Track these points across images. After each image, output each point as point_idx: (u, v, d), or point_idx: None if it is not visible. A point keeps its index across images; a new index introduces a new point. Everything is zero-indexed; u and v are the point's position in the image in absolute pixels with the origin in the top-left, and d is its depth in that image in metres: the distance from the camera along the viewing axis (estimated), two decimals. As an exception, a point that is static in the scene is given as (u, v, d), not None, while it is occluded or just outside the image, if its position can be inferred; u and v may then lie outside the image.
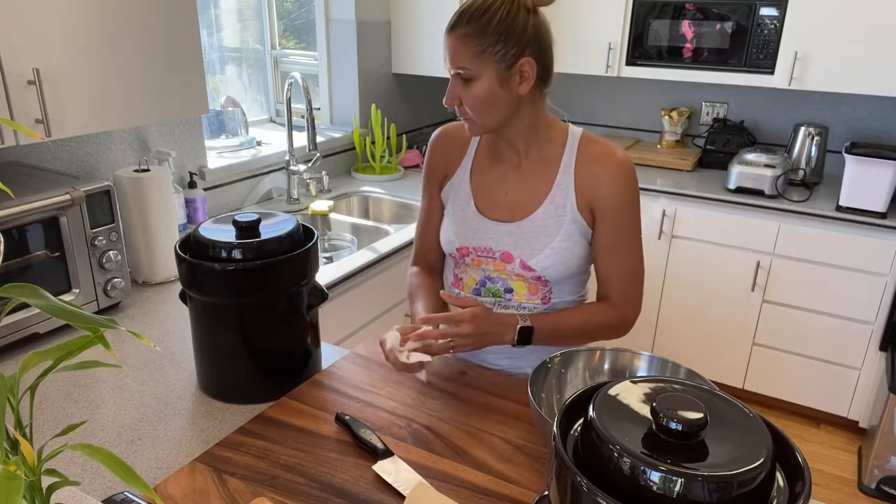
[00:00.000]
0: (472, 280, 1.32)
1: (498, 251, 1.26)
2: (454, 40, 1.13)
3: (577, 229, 1.23)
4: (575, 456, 0.62)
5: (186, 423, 1.13)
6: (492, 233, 1.27)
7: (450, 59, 1.15)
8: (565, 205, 1.23)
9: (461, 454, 1.04)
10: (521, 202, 1.26)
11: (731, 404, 0.62)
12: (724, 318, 2.80)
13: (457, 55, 1.14)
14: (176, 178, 2.04)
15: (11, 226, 1.31)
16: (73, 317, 0.64)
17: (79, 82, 1.36)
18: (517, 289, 1.28)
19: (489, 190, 1.29)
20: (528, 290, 1.28)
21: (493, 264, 1.28)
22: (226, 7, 2.72)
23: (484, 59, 1.12)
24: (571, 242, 1.23)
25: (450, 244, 1.32)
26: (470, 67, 1.13)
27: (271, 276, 1.12)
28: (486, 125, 1.19)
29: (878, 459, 2.37)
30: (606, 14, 2.86)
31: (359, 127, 2.84)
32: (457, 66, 1.14)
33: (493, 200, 1.28)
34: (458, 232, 1.30)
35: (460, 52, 1.13)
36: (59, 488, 0.66)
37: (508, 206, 1.27)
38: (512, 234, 1.25)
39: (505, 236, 1.26)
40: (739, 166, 2.67)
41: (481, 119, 1.18)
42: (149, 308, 1.58)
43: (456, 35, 1.13)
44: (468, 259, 1.30)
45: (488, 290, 1.30)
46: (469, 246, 1.29)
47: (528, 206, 1.25)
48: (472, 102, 1.16)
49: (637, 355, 1.14)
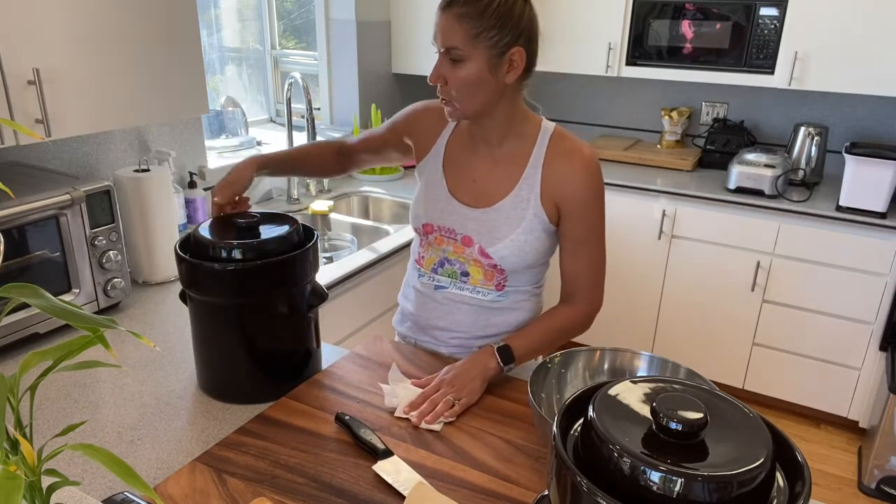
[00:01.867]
0: (431, 260, 1.35)
1: (460, 234, 1.29)
2: (449, 18, 1.12)
3: (539, 224, 1.25)
4: (575, 456, 0.62)
5: (186, 423, 1.13)
6: (457, 215, 1.29)
7: (441, 36, 1.14)
8: (529, 199, 1.24)
9: (461, 454, 1.04)
10: (488, 191, 1.27)
11: (731, 404, 0.62)
12: (724, 318, 2.80)
13: (450, 34, 1.13)
14: (176, 178, 2.04)
15: (11, 226, 1.31)
16: (73, 317, 0.64)
17: (79, 82, 1.35)
18: (473, 273, 1.30)
19: (459, 172, 1.30)
20: (484, 276, 1.30)
21: (453, 245, 1.30)
22: (226, 7, 2.72)
23: (477, 43, 1.12)
24: (531, 236, 1.25)
25: (417, 219, 1.34)
26: (462, 48, 1.12)
27: (271, 276, 1.12)
28: (466, 110, 1.19)
29: (878, 459, 2.37)
30: (606, 14, 2.86)
31: (359, 127, 2.83)
32: (448, 45, 1.13)
33: (462, 184, 1.30)
34: (427, 209, 1.32)
35: (454, 31, 1.12)
36: (59, 488, 0.66)
37: (476, 192, 1.29)
38: (476, 220, 1.27)
39: (469, 220, 1.28)
40: (739, 166, 2.66)
41: (463, 102, 1.18)
42: (149, 308, 1.58)
43: (452, 14, 1.12)
44: (431, 237, 1.33)
45: (446, 271, 1.33)
46: (434, 223, 1.32)
47: (493, 196, 1.27)
48: (457, 84, 1.15)
49: (637, 355, 1.14)
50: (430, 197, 1.32)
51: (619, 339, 3.00)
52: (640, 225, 2.82)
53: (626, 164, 3.05)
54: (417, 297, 1.39)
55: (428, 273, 1.36)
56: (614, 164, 3.03)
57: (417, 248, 1.39)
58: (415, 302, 1.40)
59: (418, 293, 1.38)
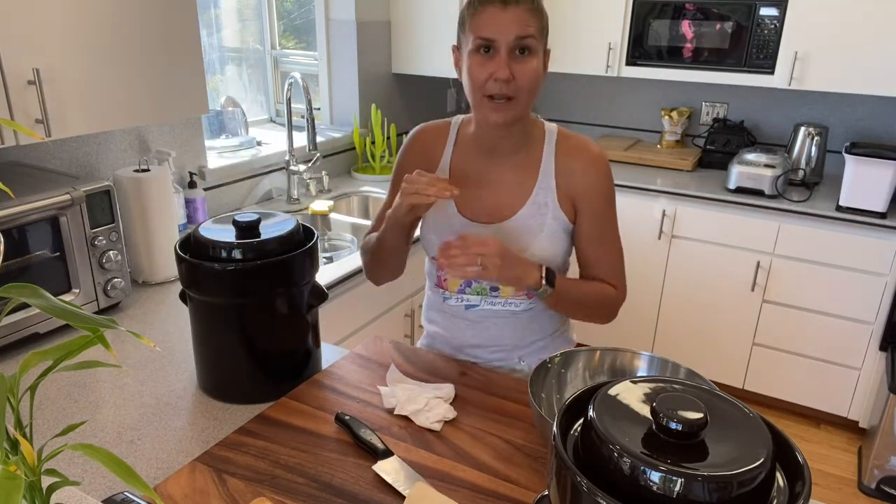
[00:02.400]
0: (456, 282, 1.31)
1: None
2: (520, 11, 1.11)
3: (560, 226, 1.24)
4: (575, 456, 0.62)
5: (186, 423, 1.13)
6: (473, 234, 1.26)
7: (516, 26, 1.10)
8: (547, 203, 1.24)
9: (461, 454, 1.04)
10: (504, 202, 1.26)
11: (731, 404, 0.62)
12: (724, 318, 2.80)
13: (526, 25, 1.11)
14: (176, 178, 2.04)
15: (11, 226, 1.31)
16: (73, 317, 0.64)
17: (79, 82, 1.35)
18: (502, 286, 1.29)
19: (469, 191, 1.27)
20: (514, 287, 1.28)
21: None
22: (226, 7, 2.72)
23: (542, 37, 1.15)
24: (554, 240, 1.24)
25: (431, 246, 1.31)
26: (538, 39, 1.13)
27: (271, 276, 1.12)
28: (524, 107, 1.17)
29: (878, 459, 2.37)
30: (606, 14, 2.86)
31: (359, 127, 2.84)
32: (525, 34, 1.11)
33: (473, 201, 1.27)
34: (439, 234, 1.29)
35: (530, 22, 1.12)
36: (59, 488, 0.66)
37: (490, 206, 1.26)
38: (495, 235, 1.24)
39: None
40: (739, 166, 2.67)
41: (525, 100, 1.16)
42: (149, 308, 1.58)
43: (522, 7, 1.11)
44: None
45: (474, 290, 1.31)
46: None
47: (510, 207, 1.25)
48: (528, 78, 1.13)
49: (637, 355, 1.14)
50: (440, 220, 1.29)
51: (619, 339, 3.00)
52: (640, 225, 2.82)
53: (626, 164, 3.06)
54: (446, 320, 1.36)
55: (455, 295, 1.32)
56: (614, 164, 3.03)
57: (435, 271, 1.35)
58: (444, 325, 1.37)
59: (447, 316, 1.35)
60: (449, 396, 1.17)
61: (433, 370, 1.28)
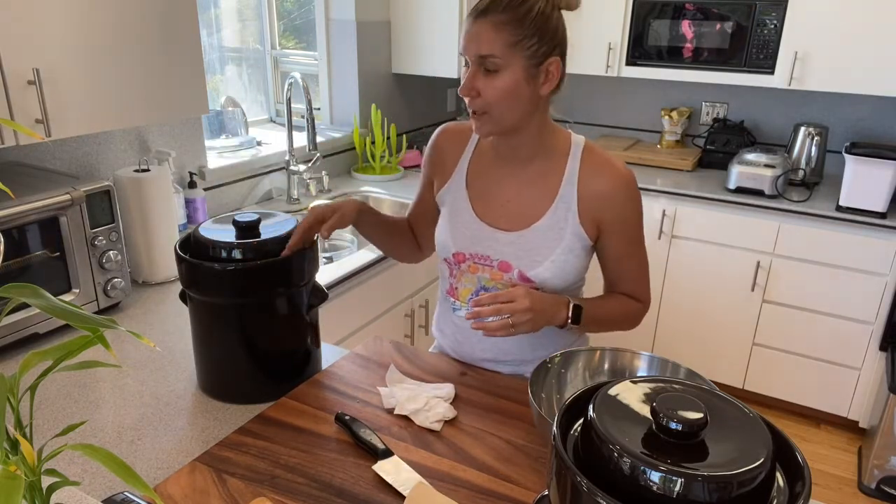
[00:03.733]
0: (467, 290, 1.29)
1: (496, 260, 1.23)
2: (486, 26, 1.07)
3: (578, 242, 1.21)
4: (575, 456, 0.62)
5: (186, 423, 1.13)
6: (490, 240, 1.24)
7: (476, 45, 1.08)
8: (567, 217, 1.20)
9: (461, 454, 1.04)
10: (522, 212, 1.22)
11: (731, 404, 0.62)
12: (724, 318, 2.80)
13: (487, 42, 1.07)
14: (176, 178, 2.04)
15: (11, 226, 1.31)
16: (73, 317, 0.64)
17: (79, 82, 1.35)
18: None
19: (487, 196, 1.25)
20: None
21: (489, 272, 1.25)
22: (226, 7, 2.72)
23: (515, 51, 1.07)
24: (572, 255, 1.21)
25: (445, 249, 1.28)
26: (500, 56, 1.07)
27: (271, 276, 1.12)
28: (500, 123, 1.14)
29: (878, 459, 2.37)
30: (606, 14, 2.86)
31: (359, 127, 2.84)
32: (485, 53, 1.07)
33: (492, 207, 1.25)
34: (455, 237, 1.27)
35: (492, 38, 1.06)
36: (59, 488, 0.66)
37: (507, 214, 1.23)
38: (512, 244, 1.22)
39: (504, 245, 1.23)
40: (739, 166, 2.67)
41: (498, 116, 1.12)
42: (149, 308, 1.58)
43: (489, 21, 1.07)
44: (464, 266, 1.27)
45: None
46: (466, 252, 1.26)
47: (529, 217, 1.22)
48: (493, 95, 1.10)
49: (637, 355, 1.14)
50: (457, 224, 1.26)
51: (619, 339, 2.99)
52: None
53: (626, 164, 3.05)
54: (457, 332, 1.33)
55: (465, 305, 1.29)
56: (614, 164, 3.03)
57: (447, 278, 1.32)
58: (454, 338, 1.34)
59: (457, 327, 1.33)
60: (449, 396, 1.17)
61: (433, 370, 1.28)
